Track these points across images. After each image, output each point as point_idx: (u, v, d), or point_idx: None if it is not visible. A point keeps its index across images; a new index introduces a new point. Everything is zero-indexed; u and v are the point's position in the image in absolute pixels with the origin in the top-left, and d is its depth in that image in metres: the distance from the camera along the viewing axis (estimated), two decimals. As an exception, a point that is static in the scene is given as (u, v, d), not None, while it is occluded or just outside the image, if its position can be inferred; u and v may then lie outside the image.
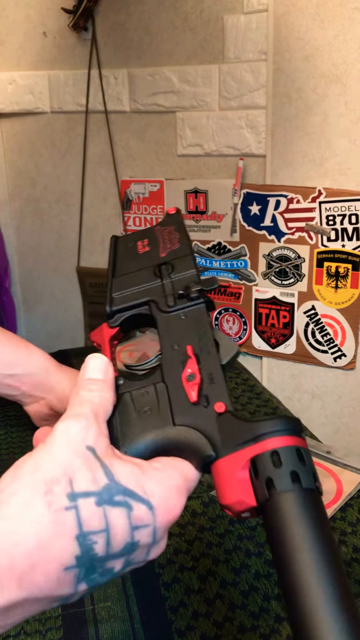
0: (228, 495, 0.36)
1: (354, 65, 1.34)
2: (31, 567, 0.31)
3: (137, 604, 0.60)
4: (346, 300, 1.47)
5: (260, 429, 0.36)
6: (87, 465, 0.34)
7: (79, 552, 0.32)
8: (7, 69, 1.79)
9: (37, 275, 2.02)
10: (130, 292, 0.49)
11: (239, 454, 0.36)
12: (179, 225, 0.53)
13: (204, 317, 0.45)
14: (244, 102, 1.51)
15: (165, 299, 0.47)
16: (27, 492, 0.32)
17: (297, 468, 0.35)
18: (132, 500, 0.34)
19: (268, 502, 0.35)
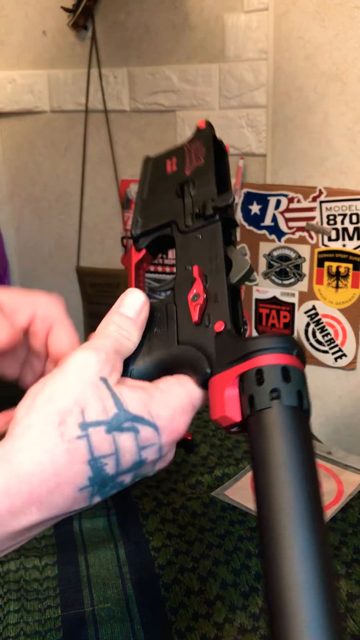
0: (216, 411, 0.37)
1: (355, 64, 1.33)
2: (49, 492, 0.34)
3: (137, 605, 0.60)
4: (347, 300, 1.47)
5: (249, 347, 0.36)
6: (98, 396, 0.36)
7: (91, 474, 0.35)
8: (7, 68, 1.79)
9: (36, 275, 2.02)
10: (154, 214, 0.48)
11: (229, 372, 0.37)
12: (207, 140, 0.50)
13: (217, 236, 0.44)
14: (244, 101, 1.50)
15: (184, 218, 0.46)
16: (41, 424, 0.34)
17: (278, 385, 0.34)
18: (139, 424, 0.36)
19: (249, 419, 0.35)
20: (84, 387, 0.36)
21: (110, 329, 0.40)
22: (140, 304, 0.42)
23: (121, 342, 0.40)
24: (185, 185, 0.48)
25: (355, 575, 0.63)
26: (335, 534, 0.70)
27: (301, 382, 0.36)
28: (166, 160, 0.51)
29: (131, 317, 0.41)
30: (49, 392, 0.36)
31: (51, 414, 0.35)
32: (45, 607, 0.61)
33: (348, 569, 0.64)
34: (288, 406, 0.34)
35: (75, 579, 0.64)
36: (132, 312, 0.41)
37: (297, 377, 0.35)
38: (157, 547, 0.68)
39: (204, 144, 0.50)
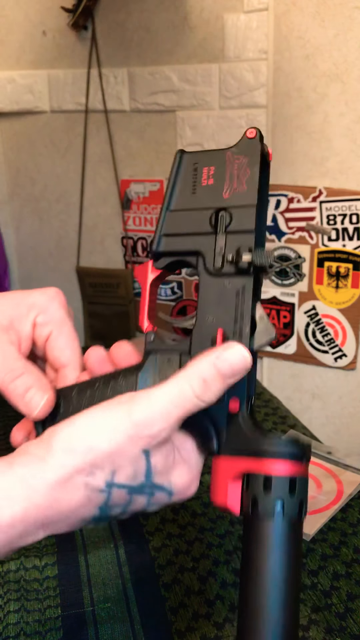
0: (217, 496, 0.38)
1: (355, 64, 1.33)
2: (59, 521, 0.37)
3: (137, 605, 0.60)
4: (347, 300, 1.47)
5: (262, 445, 0.37)
6: (135, 466, 0.37)
7: (98, 514, 0.38)
8: (7, 68, 1.79)
9: (36, 275, 2.02)
10: (180, 236, 0.44)
11: (236, 461, 0.38)
12: (254, 157, 0.43)
13: (247, 293, 0.40)
14: (244, 101, 1.50)
15: (214, 257, 0.42)
16: (71, 468, 0.36)
17: (284, 497, 0.36)
18: (157, 490, 0.39)
19: (248, 519, 0.37)
20: (125, 454, 0.36)
21: (193, 386, 0.37)
22: (241, 366, 0.38)
23: (195, 407, 0.37)
24: (221, 214, 0.42)
25: (355, 575, 0.63)
26: (335, 534, 0.70)
27: (304, 492, 0.37)
28: (203, 167, 0.44)
29: (225, 374, 0.37)
30: (90, 442, 0.36)
31: (85, 463, 0.36)
32: (45, 607, 0.61)
33: (348, 569, 0.64)
34: (289, 519, 0.36)
35: (75, 579, 0.64)
36: (228, 371, 0.37)
37: (302, 487, 0.37)
38: (157, 547, 0.68)
39: (249, 164, 0.43)
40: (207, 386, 0.37)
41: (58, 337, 0.46)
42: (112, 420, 0.36)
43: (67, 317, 0.47)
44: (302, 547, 0.38)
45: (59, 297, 0.47)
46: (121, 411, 0.36)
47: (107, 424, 0.36)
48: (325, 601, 0.60)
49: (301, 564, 0.36)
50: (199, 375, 0.37)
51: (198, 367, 0.37)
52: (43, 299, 0.46)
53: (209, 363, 0.37)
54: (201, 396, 0.37)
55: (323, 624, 0.57)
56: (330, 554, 0.66)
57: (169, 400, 0.36)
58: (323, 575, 0.63)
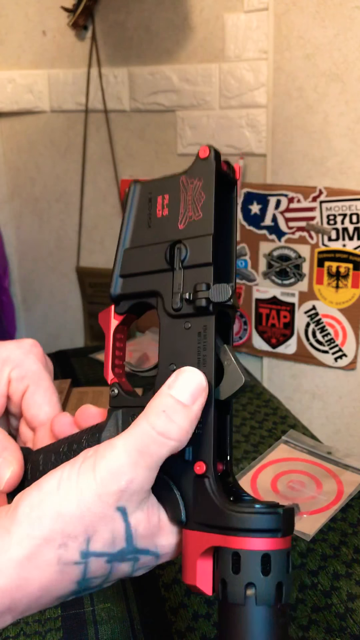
0: (187, 575, 0.34)
1: (355, 64, 1.33)
2: (28, 604, 0.32)
3: (137, 605, 0.60)
4: (347, 300, 1.47)
5: (230, 522, 0.32)
6: (111, 528, 0.33)
7: (76, 589, 0.34)
8: (7, 68, 1.79)
9: (36, 275, 2.02)
10: (136, 276, 0.39)
11: (204, 537, 0.33)
12: (208, 179, 0.37)
13: (209, 334, 0.35)
14: (244, 101, 1.50)
15: (172, 296, 0.37)
16: (40, 540, 0.32)
17: (255, 580, 0.31)
18: (141, 555, 0.34)
19: (219, 603, 0.32)
20: (97, 516, 0.32)
21: (153, 423, 0.33)
22: (197, 387, 0.34)
23: (163, 447, 0.33)
24: (177, 247, 0.37)
25: (355, 575, 0.63)
26: (335, 534, 0.69)
27: (282, 570, 0.31)
28: (157, 196, 0.40)
29: (184, 400, 0.33)
30: (58, 508, 0.32)
31: (55, 532, 0.32)
32: (45, 607, 0.60)
33: (348, 569, 0.64)
34: (263, 604, 0.31)
35: (75, 579, 0.64)
36: (187, 397, 0.33)
37: (279, 564, 0.31)
38: (157, 547, 0.68)
39: (204, 187, 0.37)
40: (168, 418, 0.33)
41: (35, 393, 0.42)
42: (78, 481, 0.32)
43: (44, 371, 0.43)
44: (287, 633, 0.32)
45: (35, 349, 0.43)
46: (87, 469, 0.33)
47: (73, 485, 0.32)
48: (325, 601, 0.60)
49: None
50: (156, 410, 0.33)
51: (153, 403, 0.34)
52: (18, 353, 0.43)
53: (164, 395, 0.34)
54: (165, 432, 0.32)
55: (323, 624, 0.57)
56: (330, 554, 0.66)
57: (132, 447, 0.32)
58: (323, 575, 0.63)
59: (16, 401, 0.43)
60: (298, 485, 0.79)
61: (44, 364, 0.44)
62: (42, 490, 0.33)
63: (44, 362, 0.44)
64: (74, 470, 0.33)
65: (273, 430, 0.96)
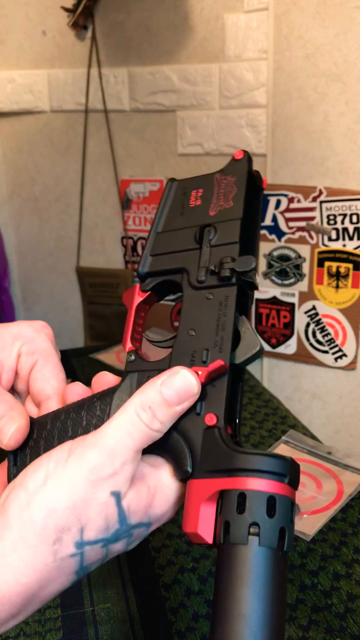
0: (189, 523, 0.34)
1: (355, 64, 1.33)
2: (29, 604, 0.32)
3: (137, 605, 0.60)
4: (347, 300, 1.47)
5: (237, 462, 0.32)
6: (104, 514, 0.33)
7: (75, 579, 0.34)
8: (6, 68, 1.79)
9: (36, 275, 2.02)
10: (166, 255, 0.43)
11: (209, 482, 0.33)
12: (241, 176, 0.43)
13: (230, 303, 0.38)
14: (244, 101, 1.50)
15: (198, 271, 0.40)
16: (34, 540, 0.32)
17: (259, 520, 0.31)
18: (135, 529, 0.35)
19: (220, 547, 0.32)
20: (90, 504, 0.32)
21: (139, 414, 0.34)
22: (187, 392, 0.35)
23: (147, 436, 0.34)
24: (206, 229, 0.41)
25: (355, 575, 0.63)
26: (335, 534, 0.69)
27: (287, 517, 0.32)
28: (192, 190, 0.44)
29: (170, 401, 0.35)
30: (47, 504, 0.32)
31: (48, 529, 0.32)
32: (45, 607, 0.61)
33: (348, 569, 0.64)
34: (266, 546, 0.31)
35: (75, 579, 0.64)
36: (173, 398, 0.35)
37: (283, 510, 0.32)
38: (157, 547, 0.68)
39: (236, 182, 0.42)
40: (153, 414, 0.34)
41: (43, 367, 0.43)
42: (67, 472, 0.33)
43: (53, 349, 0.44)
44: (286, 583, 0.32)
45: (46, 329, 0.45)
46: (75, 458, 0.33)
47: (62, 478, 0.32)
48: (325, 601, 0.60)
49: (284, 602, 0.31)
50: (144, 403, 0.34)
51: (143, 393, 0.35)
52: (29, 330, 0.44)
53: (155, 390, 0.35)
54: (149, 424, 0.34)
55: (323, 624, 0.57)
56: (330, 554, 0.66)
57: (123, 431, 0.34)
58: (323, 575, 0.63)
59: (24, 376, 0.44)
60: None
61: (53, 345, 0.45)
62: (28, 489, 0.33)
63: (54, 343, 0.45)
64: (60, 462, 0.33)
65: (273, 430, 0.96)
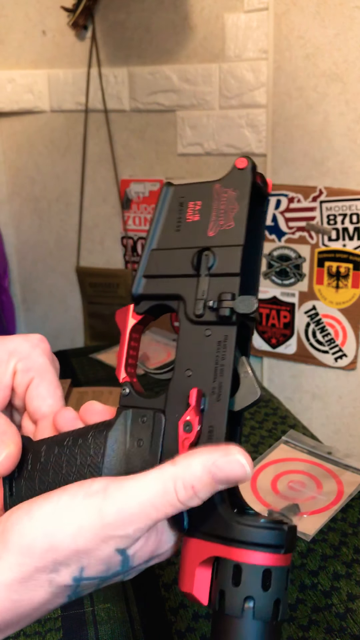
0: (185, 583, 0.34)
1: (355, 64, 1.33)
2: (19, 622, 0.33)
3: (137, 605, 0.60)
4: (347, 300, 1.47)
5: (235, 533, 0.32)
6: (107, 563, 0.32)
7: (67, 601, 0.34)
8: (6, 68, 1.79)
9: (36, 275, 2.02)
10: (160, 278, 0.39)
11: (206, 545, 0.33)
12: (243, 191, 0.37)
13: (229, 344, 0.36)
14: (245, 101, 1.50)
15: (195, 302, 0.37)
16: (32, 569, 0.32)
17: (254, 594, 0.31)
18: (135, 568, 0.35)
19: (215, 613, 0.32)
20: (94, 554, 0.32)
21: (178, 490, 0.32)
22: (239, 477, 0.32)
23: (176, 510, 0.32)
24: (205, 254, 0.38)
25: (355, 576, 0.63)
26: (335, 534, 0.69)
27: (282, 587, 0.32)
28: (189, 202, 0.40)
29: (219, 482, 0.32)
30: (51, 539, 0.31)
31: (46, 560, 0.32)
32: (45, 607, 0.60)
33: (348, 569, 0.64)
34: (260, 619, 0.31)
35: (75, 579, 0.64)
36: (223, 480, 0.32)
37: (279, 582, 0.31)
38: (157, 547, 0.68)
39: (238, 198, 0.38)
40: (195, 493, 0.32)
41: (39, 385, 0.42)
42: (78, 516, 0.32)
43: (50, 365, 0.43)
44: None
45: (42, 344, 0.44)
46: (91, 507, 0.32)
47: (72, 518, 0.32)
48: (325, 601, 0.60)
49: None
50: (188, 480, 0.32)
51: (190, 468, 0.32)
52: (26, 346, 0.43)
53: (204, 469, 0.32)
54: (186, 502, 0.32)
55: (323, 624, 0.57)
56: (330, 554, 0.66)
57: (149, 501, 0.31)
58: (323, 575, 0.63)
59: (20, 394, 0.43)
60: (298, 486, 0.79)
61: (51, 360, 0.44)
62: (32, 517, 0.32)
63: (51, 357, 0.44)
64: (75, 501, 0.32)
65: (273, 430, 0.96)
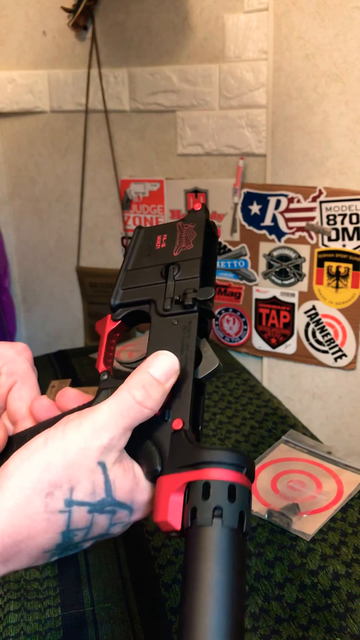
0: (159, 513, 0.37)
1: (355, 64, 1.33)
2: (18, 552, 0.36)
3: (137, 605, 0.60)
4: (347, 300, 1.47)
5: (202, 456, 0.37)
6: (92, 480, 0.37)
7: (60, 541, 0.37)
8: (7, 68, 1.79)
9: (36, 275, 2.02)
10: (135, 288, 0.49)
11: (177, 476, 0.37)
12: (200, 224, 0.51)
13: (192, 327, 0.44)
14: (244, 101, 1.50)
15: (164, 301, 0.47)
16: (30, 490, 0.36)
17: (222, 504, 0.35)
18: (118, 508, 0.39)
19: (188, 531, 0.36)
20: (80, 468, 0.37)
21: (133, 394, 0.39)
22: (171, 369, 0.41)
23: (139, 414, 0.39)
24: (171, 267, 0.48)
25: (355, 575, 0.63)
26: (335, 534, 0.70)
27: (245, 503, 0.36)
28: (157, 235, 0.52)
29: (160, 378, 0.40)
30: (45, 460, 0.36)
31: (42, 482, 0.36)
32: (45, 607, 0.61)
33: (348, 569, 0.64)
34: (228, 527, 0.35)
35: (75, 578, 0.64)
36: (161, 376, 0.40)
37: (243, 496, 0.36)
38: (157, 547, 0.68)
39: (195, 229, 0.50)
40: (146, 391, 0.39)
41: (21, 388, 0.47)
42: (64, 436, 0.37)
43: (32, 372, 0.48)
44: (246, 560, 0.36)
45: (26, 352, 0.48)
46: (71, 426, 0.37)
47: (59, 440, 0.37)
48: (325, 601, 0.60)
49: (244, 576, 0.35)
50: (137, 383, 0.39)
51: (134, 377, 0.40)
52: (11, 352, 0.48)
53: (143, 372, 0.40)
54: (143, 402, 0.39)
55: (323, 624, 0.57)
56: (330, 553, 0.66)
57: (115, 410, 0.38)
58: (323, 575, 0.63)
59: (2, 394, 0.47)
60: (298, 485, 0.79)
61: (32, 367, 0.49)
62: (30, 447, 0.37)
63: (33, 366, 0.49)
64: (58, 429, 0.38)
65: (273, 430, 0.96)
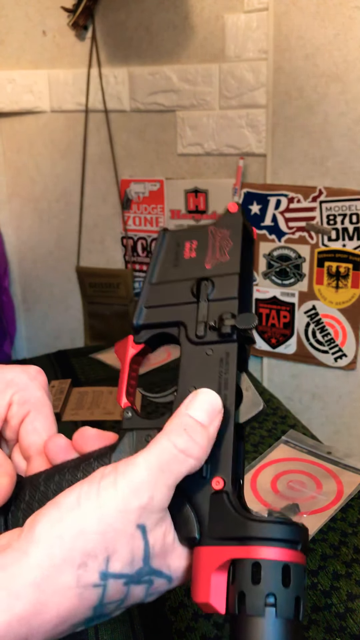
0: (199, 593, 0.33)
1: (355, 64, 1.33)
2: (44, 634, 0.31)
3: (137, 605, 0.60)
4: (347, 300, 1.47)
5: (250, 530, 0.32)
6: (131, 547, 0.32)
7: (91, 615, 0.33)
8: (7, 68, 1.79)
9: (36, 275, 2.02)
10: (161, 307, 0.42)
11: (220, 550, 0.32)
12: (236, 230, 0.43)
13: (231, 361, 0.38)
14: (245, 101, 1.50)
15: (196, 325, 0.40)
16: (60, 560, 0.31)
17: (276, 591, 0.30)
18: (156, 577, 0.34)
19: (235, 619, 0.31)
20: (118, 534, 0.32)
21: (174, 441, 0.33)
22: (214, 409, 0.35)
23: (184, 465, 0.33)
24: (204, 283, 0.41)
25: (355, 575, 0.63)
26: (335, 534, 0.70)
27: (301, 585, 0.31)
28: (185, 242, 0.44)
29: (202, 421, 0.34)
30: (80, 524, 0.31)
31: (75, 551, 0.31)
32: (45, 607, 0.60)
33: (348, 569, 0.64)
34: (282, 617, 0.30)
35: (75, 579, 0.64)
36: (205, 418, 0.34)
37: (299, 578, 0.31)
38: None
39: (231, 236, 0.42)
40: (189, 437, 0.34)
41: (35, 419, 0.41)
42: (98, 496, 0.32)
43: (47, 399, 0.43)
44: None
45: (40, 376, 0.43)
46: (107, 485, 0.32)
47: (93, 500, 0.32)
48: (325, 601, 0.60)
49: None
50: (177, 428, 0.34)
51: (173, 422, 0.35)
52: (23, 377, 0.42)
53: (182, 415, 0.35)
54: (187, 450, 0.33)
55: (323, 624, 0.57)
56: (330, 553, 0.66)
57: (154, 463, 0.33)
58: (323, 575, 0.63)
59: (14, 426, 0.42)
60: (298, 485, 0.79)
61: (47, 393, 0.43)
62: (61, 507, 0.32)
63: (47, 391, 0.43)
64: (93, 486, 0.32)
65: (273, 430, 0.96)
